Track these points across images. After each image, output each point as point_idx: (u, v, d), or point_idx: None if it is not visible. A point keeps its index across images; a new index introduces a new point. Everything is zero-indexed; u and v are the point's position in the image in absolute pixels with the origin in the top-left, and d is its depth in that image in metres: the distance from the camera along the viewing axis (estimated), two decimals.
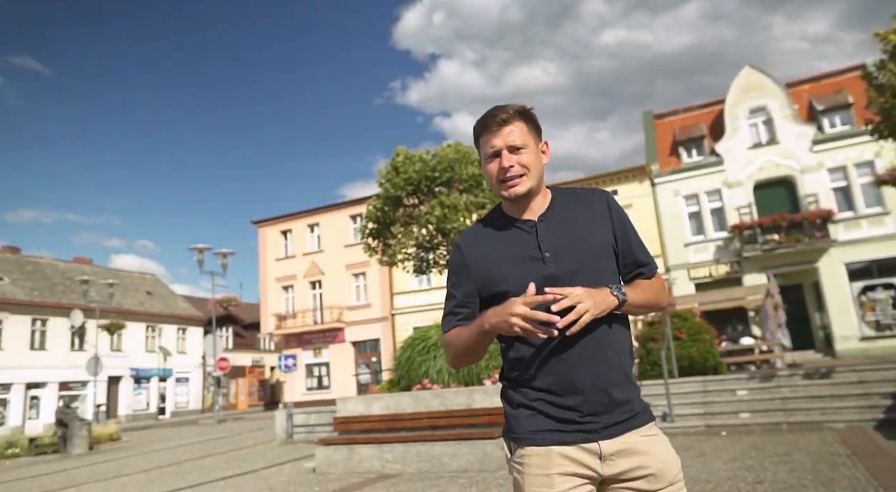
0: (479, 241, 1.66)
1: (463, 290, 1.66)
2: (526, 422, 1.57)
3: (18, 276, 33.86)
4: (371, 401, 8.47)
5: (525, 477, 1.55)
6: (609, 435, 1.53)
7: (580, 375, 1.53)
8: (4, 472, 12.47)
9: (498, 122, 1.61)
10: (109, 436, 17.45)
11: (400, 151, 12.05)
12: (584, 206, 1.67)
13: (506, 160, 1.59)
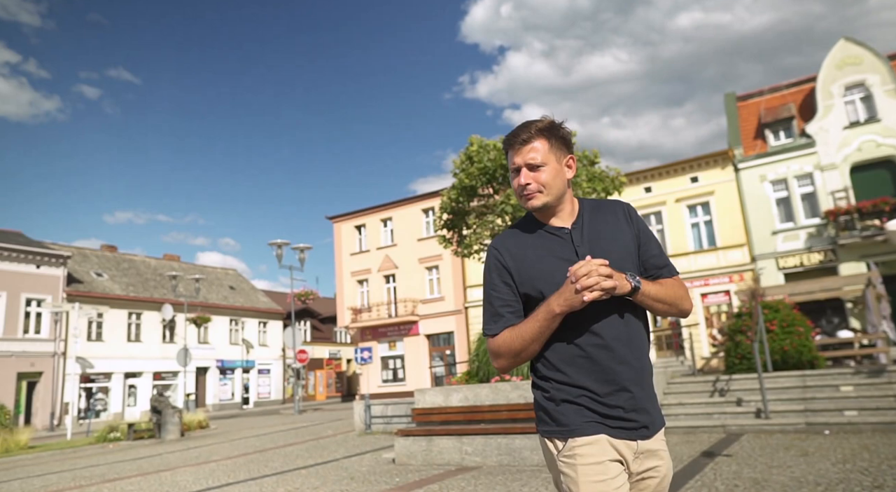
0: (517, 243, 1.76)
1: (505, 290, 1.72)
2: (573, 416, 1.61)
3: (116, 272, 36.11)
4: (449, 392, 8.39)
5: (578, 468, 1.57)
6: (645, 436, 1.63)
7: (621, 374, 1.61)
8: (108, 454, 13.27)
9: (520, 140, 1.73)
10: (199, 423, 18.29)
11: (474, 140, 11.89)
12: (608, 215, 1.79)
13: (524, 177, 1.72)
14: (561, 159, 1.75)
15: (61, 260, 31.26)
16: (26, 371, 29.02)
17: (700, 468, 6.23)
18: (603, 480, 1.55)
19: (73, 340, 29.94)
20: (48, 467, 11.47)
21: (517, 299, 1.71)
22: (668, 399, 10.12)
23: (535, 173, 1.72)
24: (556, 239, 1.73)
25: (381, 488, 6.41)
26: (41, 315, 30.03)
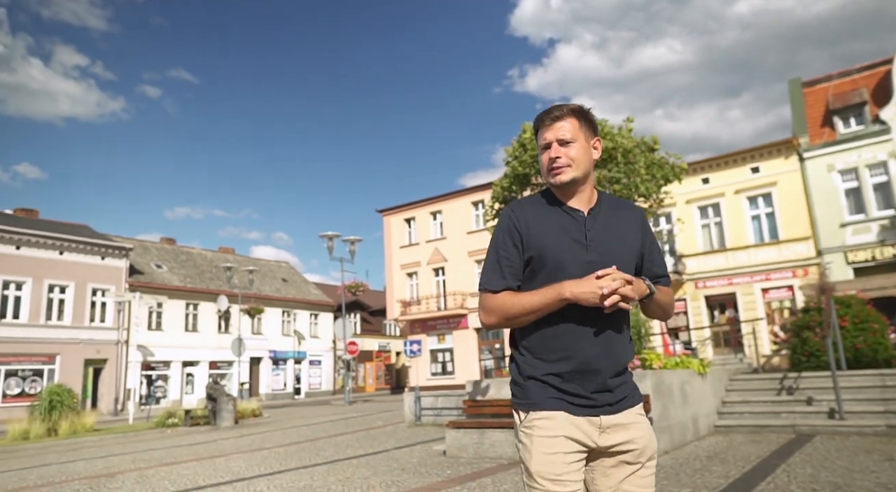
0: (533, 212, 1.81)
1: (512, 252, 1.78)
2: (537, 391, 1.72)
3: (174, 264, 37.30)
4: (501, 385, 8.19)
5: (533, 439, 1.68)
6: (611, 411, 1.70)
7: (593, 357, 1.68)
8: (166, 439, 13.64)
9: (552, 117, 1.80)
10: (252, 412, 18.65)
11: (527, 127, 11.57)
12: (624, 214, 1.85)
13: (554, 151, 1.78)
14: (589, 139, 1.83)
15: (124, 252, 32.46)
16: (92, 358, 30.30)
17: (771, 470, 5.84)
18: (554, 452, 1.65)
19: (134, 329, 31.09)
20: (110, 450, 11.84)
21: (520, 263, 1.78)
22: (731, 396, 9.65)
23: (566, 148, 1.78)
24: (570, 219, 1.78)
25: (432, 481, 6.27)
26: (106, 305, 31.28)
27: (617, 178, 10.26)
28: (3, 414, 23.92)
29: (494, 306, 1.76)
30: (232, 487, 6.59)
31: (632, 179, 10.44)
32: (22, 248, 28.59)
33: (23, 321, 28.17)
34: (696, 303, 25.21)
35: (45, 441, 14.33)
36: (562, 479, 1.64)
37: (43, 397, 15.92)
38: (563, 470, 1.65)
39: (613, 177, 10.25)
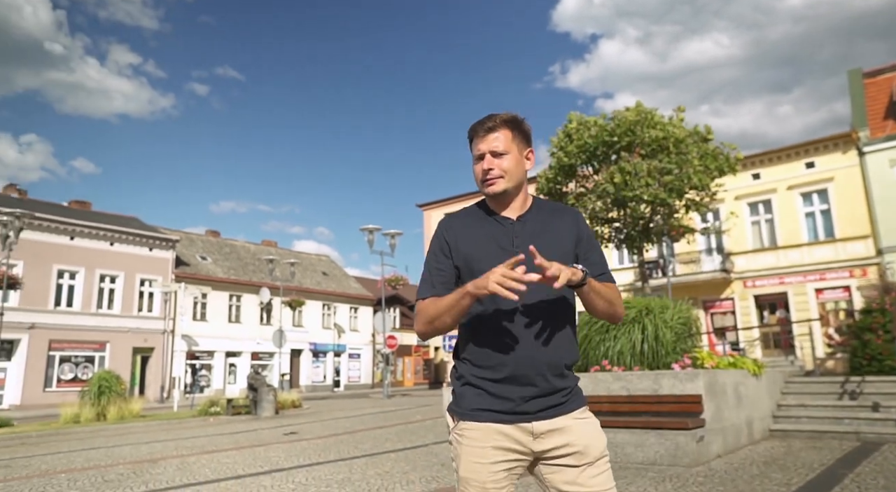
0: (462, 224, 1.86)
1: (441, 263, 1.83)
2: (469, 399, 1.74)
3: (218, 256, 38.04)
4: None
5: (463, 448, 1.74)
6: (542, 417, 1.70)
7: (526, 364, 1.69)
8: (208, 427, 13.83)
9: (485, 128, 1.81)
10: (292, 403, 18.80)
11: (573, 117, 11.24)
12: (556, 217, 1.86)
13: (487, 163, 1.80)
14: (522, 150, 1.84)
15: (170, 244, 33.24)
16: (140, 346, 31.15)
17: (837, 479, 5.46)
18: (480, 462, 1.70)
19: (180, 319, 31.84)
20: (155, 436, 12.04)
21: (451, 272, 1.82)
22: (787, 400, 9.18)
23: (499, 160, 1.80)
24: (500, 227, 1.82)
25: None
26: (153, 295, 32.11)
27: (668, 169, 9.87)
28: (57, 398, 24.76)
29: (419, 311, 1.82)
30: (271, 477, 6.54)
31: (684, 170, 10.03)
32: (76, 238, 29.54)
33: (76, 309, 29.14)
34: (745, 302, 24.38)
35: (94, 425, 14.70)
36: (487, 487, 1.70)
37: (93, 382, 16.34)
38: (489, 478, 1.70)
39: (664, 168, 9.87)
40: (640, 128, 10.76)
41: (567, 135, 11.24)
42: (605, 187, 10.67)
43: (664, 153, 10.03)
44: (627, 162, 10.50)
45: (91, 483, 6.59)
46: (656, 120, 10.38)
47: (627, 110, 11.37)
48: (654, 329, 7.63)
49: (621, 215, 10.98)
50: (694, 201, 11.36)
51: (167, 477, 6.79)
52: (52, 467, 8.00)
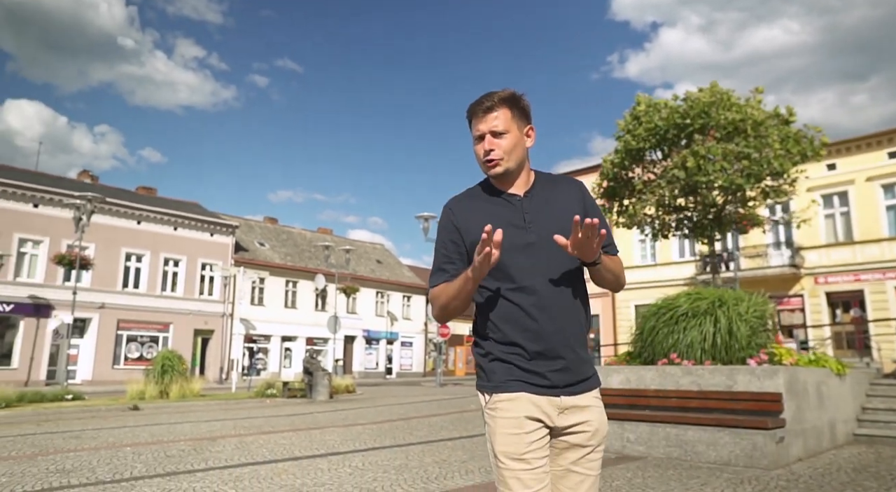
0: (469, 206, 1.84)
1: (451, 248, 1.82)
2: (500, 373, 1.75)
3: (276, 243, 38.84)
4: (609, 373, 7.62)
5: (497, 420, 1.73)
6: (571, 392, 1.75)
7: (554, 337, 1.72)
8: (265, 408, 14.05)
9: (484, 108, 1.79)
10: (346, 388, 18.97)
11: (641, 99, 10.69)
12: (561, 189, 1.87)
13: (487, 144, 1.78)
14: (522, 128, 1.83)
15: (230, 229, 34.10)
16: (201, 328, 32.16)
17: None
18: (517, 433, 1.69)
19: (238, 303, 32.66)
20: (214, 415, 12.29)
21: (461, 257, 1.80)
22: (873, 403, 8.54)
23: (499, 140, 1.78)
24: (508, 205, 1.81)
25: None
26: (213, 279, 33.06)
27: (746, 153, 9.27)
28: (124, 375, 25.82)
29: (432, 298, 1.84)
30: (327, 460, 6.48)
31: (763, 154, 9.39)
32: (142, 223, 30.65)
33: (142, 291, 30.28)
34: (816, 300, 23.15)
35: (157, 402, 15.18)
36: (525, 458, 1.69)
37: (156, 361, 16.89)
38: (526, 449, 1.69)
39: (741, 152, 9.27)
40: (716, 109, 10.11)
41: (635, 117, 10.72)
42: (674, 173, 10.12)
43: (741, 136, 9.40)
44: (701, 145, 9.89)
45: (154, 458, 6.69)
46: (732, 101, 9.75)
47: (700, 92, 10.74)
48: (727, 322, 7.18)
49: (691, 203, 10.39)
50: (773, 188, 10.66)
51: (226, 455, 6.83)
52: (119, 440, 8.20)
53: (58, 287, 27.09)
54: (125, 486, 5.15)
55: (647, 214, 11.52)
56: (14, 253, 26.23)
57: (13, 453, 7.12)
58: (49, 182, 28.93)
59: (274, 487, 5.09)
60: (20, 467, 6.11)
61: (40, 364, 26.50)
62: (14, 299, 25.83)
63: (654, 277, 28.61)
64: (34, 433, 9.13)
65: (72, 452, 7.15)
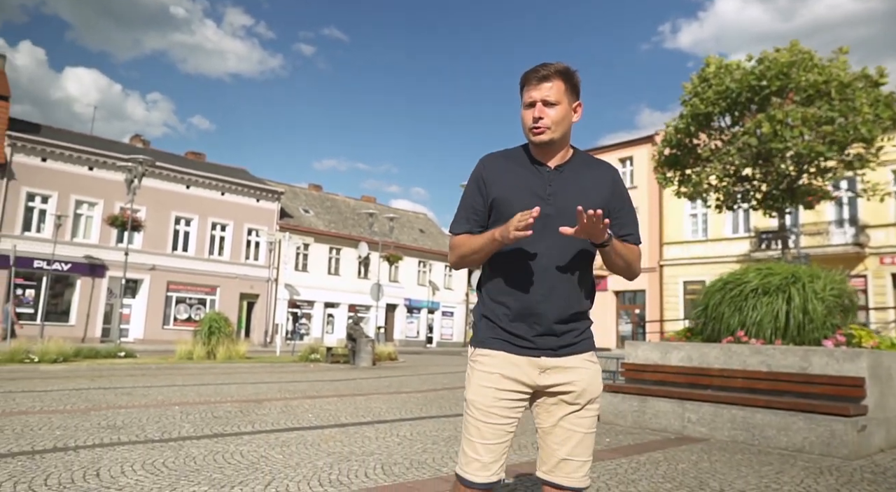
0: (501, 166, 1.93)
1: (476, 200, 1.92)
2: (485, 330, 1.87)
3: (320, 210, 39.07)
4: (668, 349, 7.22)
5: (474, 372, 1.86)
6: (552, 355, 1.81)
7: (542, 304, 1.79)
8: (308, 373, 14.14)
9: (539, 77, 1.83)
10: (388, 355, 19.00)
11: (711, 61, 9.91)
12: (594, 171, 1.91)
13: (538, 112, 1.82)
14: (571, 103, 1.86)
15: (276, 195, 34.39)
16: (247, 292, 32.77)
17: None
18: (488, 387, 1.81)
19: (283, 268, 33.08)
20: (260, 377, 12.40)
21: (484, 210, 1.90)
22: None
23: (550, 109, 1.82)
24: (536, 174, 1.88)
25: None
26: (259, 244, 33.53)
27: (829, 117, 8.52)
28: (173, 336, 26.54)
29: (453, 246, 1.92)
30: (374, 428, 6.33)
31: (850, 120, 8.62)
32: (191, 187, 31.15)
33: (190, 254, 30.94)
34: (880, 280, 21.99)
35: (204, 363, 15.46)
36: (490, 411, 1.79)
37: (204, 322, 17.17)
38: (493, 403, 1.79)
39: (824, 116, 8.53)
40: (796, 70, 9.24)
41: (703, 80, 9.97)
42: (745, 140, 9.38)
43: (823, 100, 8.62)
44: (779, 109, 9.10)
45: (201, 417, 6.66)
46: (814, 62, 8.93)
47: (778, 52, 9.85)
48: (801, 300, 6.68)
49: (760, 173, 9.67)
50: (857, 157, 9.80)
51: (272, 419, 6.75)
52: (168, 399, 8.26)
53: (111, 248, 27.87)
54: (173, 446, 5.08)
55: (711, 183, 10.83)
56: (71, 214, 27.03)
57: (68, 407, 7.22)
58: (103, 146, 29.59)
59: (321, 453, 4.94)
60: (74, 421, 6.15)
61: (96, 322, 27.48)
62: (71, 259, 26.70)
63: (704, 253, 27.69)
64: (88, 388, 9.31)
65: (123, 408, 7.21)
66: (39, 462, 4.34)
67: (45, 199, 26.67)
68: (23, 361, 12.94)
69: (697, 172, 10.71)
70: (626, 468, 4.73)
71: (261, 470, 4.32)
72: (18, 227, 25.70)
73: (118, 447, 4.93)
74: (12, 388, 9.04)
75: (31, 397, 8.05)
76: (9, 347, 13.83)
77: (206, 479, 4.01)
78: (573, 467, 1.82)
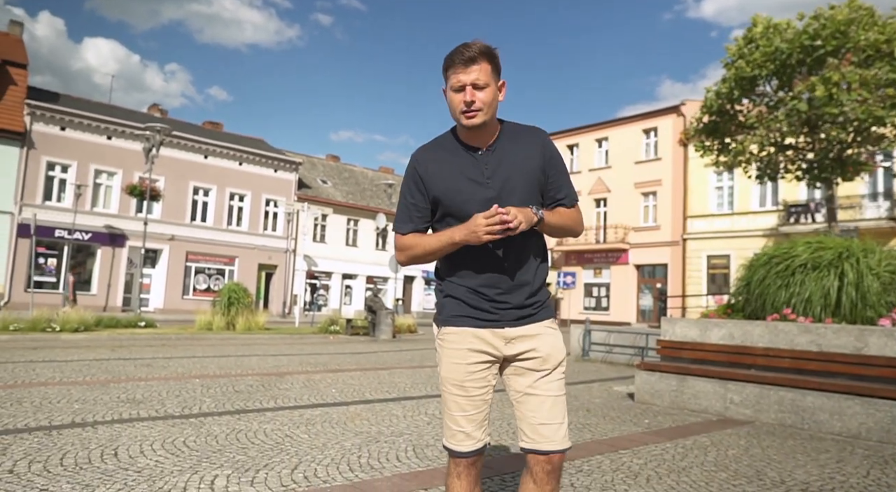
0: (433, 158, 1.95)
1: (417, 198, 1.95)
2: (450, 308, 1.95)
3: (338, 181, 38.77)
4: (707, 327, 6.86)
5: (444, 350, 1.95)
6: (515, 325, 1.92)
7: (501, 279, 1.90)
8: (328, 345, 14.00)
9: (465, 59, 1.82)
10: (408, 328, 18.84)
11: (758, 20, 9.21)
12: (523, 141, 1.95)
13: (469, 95, 1.82)
14: (496, 83, 1.88)
15: (294, 166, 34.11)
16: (265, 263, 32.76)
17: None
18: (459, 363, 1.90)
19: (301, 239, 32.96)
20: (279, 349, 12.26)
21: (427, 206, 1.95)
22: None
23: (480, 92, 1.83)
24: (470, 159, 1.91)
25: (629, 430, 5.27)
26: (277, 215, 33.40)
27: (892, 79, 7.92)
28: (192, 305, 26.68)
29: (402, 246, 1.98)
30: (401, 405, 6.09)
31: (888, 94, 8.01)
32: (209, 157, 30.95)
33: (209, 225, 30.89)
34: None
35: (224, 334, 15.39)
36: (464, 385, 1.90)
37: (223, 293, 17.07)
38: (466, 377, 1.90)
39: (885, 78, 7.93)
40: (855, 29, 8.57)
41: (749, 41, 9.31)
42: (795, 104, 8.78)
43: (882, 60, 8.00)
44: (836, 70, 8.44)
45: (222, 392, 6.47)
46: (875, 20, 8.28)
47: (833, 9, 9.13)
48: (855, 276, 6.26)
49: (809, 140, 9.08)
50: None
51: (294, 394, 6.54)
52: (188, 371, 8.10)
53: (131, 218, 27.89)
54: (194, 423, 4.87)
55: (753, 153, 10.25)
56: (90, 184, 27.00)
57: (87, 378, 7.08)
58: (122, 115, 29.40)
59: (348, 433, 4.70)
60: (93, 394, 5.99)
61: (116, 291, 27.64)
62: (92, 228, 26.76)
63: (730, 226, 27.04)
64: (108, 359, 9.20)
65: (142, 381, 7.05)
66: (56, 439, 4.14)
67: (65, 168, 26.63)
68: (44, 330, 12.92)
69: (740, 140, 10.08)
70: (673, 454, 4.43)
71: (286, 451, 4.08)
72: (39, 196, 25.73)
73: (137, 424, 4.73)
74: (33, 357, 8.96)
75: (52, 367, 7.94)
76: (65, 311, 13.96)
77: (230, 461, 3.78)
78: (551, 430, 1.87)
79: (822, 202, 24.09)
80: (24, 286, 24.86)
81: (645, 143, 30.57)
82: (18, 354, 9.37)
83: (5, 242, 24.85)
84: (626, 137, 31.12)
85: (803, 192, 25.07)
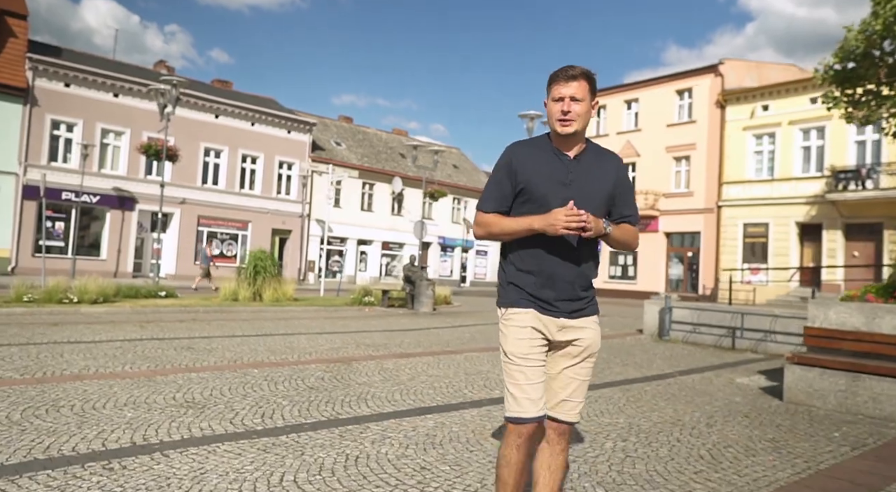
0: (527, 154, 2.28)
1: (504, 184, 2.28)
2: (514, 294, 2.25)
3: (352, 143, 37.26)
4: (875, 312, 5.71)
5: (510, 328, 2.24)
6: (569, 317, 2.23)
7: (560, 273, 2.21)
8: (370, 320, 12.92)
9: (568, 76, 2.18)
10: (444, 299, 17.73)
11: None
12: (604, 161, 2.30)
13: (566, 105, 2.17)
14: (591, 100, 2.22)
15: (307, 127, 32.62)
16: (279, 228, 31.58)
17: None
18: (523, 338, 2.20)
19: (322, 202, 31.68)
20: (320, 325, 11.18)
21: (511, 193, 2.27)
22: None
23: (576, 105, 2.16)
24: (559, 162, 2.23)
25: (828, 448, 4.16)
26: (291, 178, 32.06)
27: None
28: None
29: (483, 222, 2.31)
30: None
31: None
32: (220, 117, 29.46)
33: (221, 188, 29.59)
34: None
35: (252, 306, 14.31)
36: (528, 357, 2.19)
37: (249, 262, 15.94)
38: (529, 351, 2.19)
39: None
40: None
41: None
42: None
43: None
44: None
45: (294, 388, 5.36)
46: None
47: None
48: None
49: None
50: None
51: (380, 392, 5.43)
52: (238, 357, 7.01)
53: (140, 180, 26.61)
54: (289, 444, 3.75)
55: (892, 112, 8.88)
56: (97, 144, 25.62)
57: (126, 368, 5.99)
58: (128, 71, 27.82)
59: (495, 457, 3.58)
60: (141, 393, 4.89)
61: (127, 256, 26.54)
62: (100, 191, 25.50)
63: (769, 193, 25.76)
64: (140, 338, 8.12)
65: (192, 372, 5.94)
66: (123, 480, 3.02)
67: (70, 127, 25.19)
68: (61, 302, 11.83)
69: (877, 93, 8.68)
70: None
71: None
72: (45, 156, 24.38)
73: (217, 447, 3.61)
74: (57, 337, 7.86)
75: (80, 350, 6.84)
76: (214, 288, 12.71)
77: None
78: (570, 406, 2.28)
79: (873, 167, 22.78)
80: (32, 251, 23.73)
81: (678, 104, 29.02)
82: (39, 332, 8.27)
83: (10, 205, 23.62)
84: (658, 98, 29.54)
85: (853, 155, 23.72)
